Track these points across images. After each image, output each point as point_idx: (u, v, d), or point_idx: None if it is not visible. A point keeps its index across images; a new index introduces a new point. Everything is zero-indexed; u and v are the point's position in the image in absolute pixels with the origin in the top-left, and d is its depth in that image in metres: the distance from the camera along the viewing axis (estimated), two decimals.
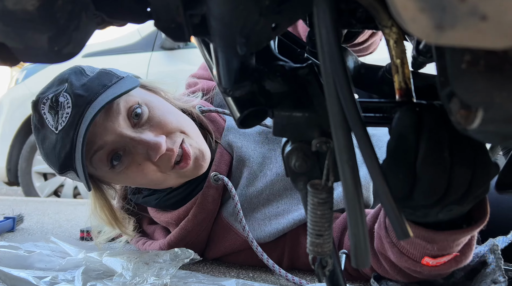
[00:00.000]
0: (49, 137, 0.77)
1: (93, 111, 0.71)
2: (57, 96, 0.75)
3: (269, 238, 0.85)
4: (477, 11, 0.15)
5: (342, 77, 0.27)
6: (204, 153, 0.85)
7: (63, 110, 0.74)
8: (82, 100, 0.74)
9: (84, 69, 0.81)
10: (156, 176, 0.81)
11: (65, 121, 0.74)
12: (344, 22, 0.40)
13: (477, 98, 0.23)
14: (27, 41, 0.27)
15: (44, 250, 0.85)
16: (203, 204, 0.87)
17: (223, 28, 0.30)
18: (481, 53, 0.21)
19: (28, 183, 2.85)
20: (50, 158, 0.78)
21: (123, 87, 0.76)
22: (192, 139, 0.84)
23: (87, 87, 0.76)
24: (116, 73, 0.81)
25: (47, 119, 0.76)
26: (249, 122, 0.40)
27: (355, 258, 0.30)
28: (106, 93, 0.75)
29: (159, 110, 0.81)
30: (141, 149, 0.77)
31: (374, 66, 0.46)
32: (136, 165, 0.79)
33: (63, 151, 0.75)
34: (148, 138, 0.77)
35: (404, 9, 0.17)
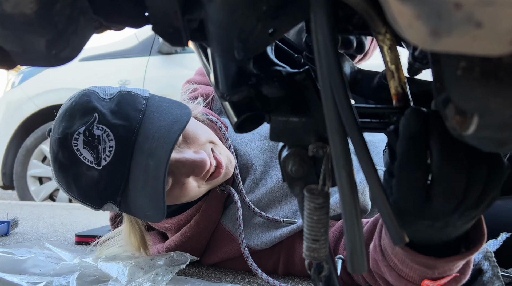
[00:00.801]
0: (87, 174, 0.71)
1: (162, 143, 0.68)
2: (90, 130, 0.70)
3: (266, 245, 0.85)
4: (472, 19, 0.16)
5: (339, 82, 0.27)
6: (231, 160, 0.86)
7: (105, 144, 0.70)
8: (124, 129, 0.70)
9: (98, 92, 0.77)
10: (195, 191, 0.81)
11: (110, 155, 0.70)
12: (341, 28, 0.40)
13: (472, 104, 0.23)
14: (25, 45, 0.27)
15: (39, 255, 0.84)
16: (207, 212, 0.87)
17: (221, 33, 0.31)
18: (476, 60, 0.22)
19: (23, 187, 2.83)
20: (89, 195, 0.73)
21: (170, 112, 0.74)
22: (220, 147, 0.85)
23: (121, 114, 0.72)
24: (139, 93, 0.78)
25: (82, 155, 0.70)
26: (246, 127, 0.40)
27: (351, 263, 0.30)
28: (149, 119, 0.72)
29: (189, 125, 0.80)
30: (187, 169, 0.76)
31: (371, 72, 0.46)
32: (180, 185, 0.78)
33: (111, 186, 0.71)
34: (192, 156, 0.77)
35: (401, 15, 0.17)
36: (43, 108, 2.79)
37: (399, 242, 0.29)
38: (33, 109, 2.82)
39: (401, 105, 0.37)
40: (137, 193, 0.71)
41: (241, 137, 0.94)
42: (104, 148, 0.70)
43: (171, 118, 0.72)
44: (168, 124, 0.71)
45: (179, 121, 0.71)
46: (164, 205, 0.68)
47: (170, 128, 0.70)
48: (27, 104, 2.86)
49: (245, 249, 0.83)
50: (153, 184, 0.69)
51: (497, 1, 0.15)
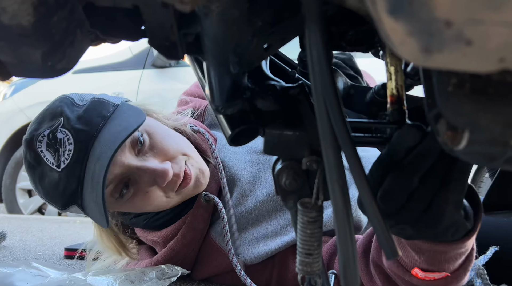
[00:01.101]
0: (49, 175, 0.74)
1: (107, 149, 0.70)
2: (54, 133, 0.73)
3: (256, 260, 0.84)
4: (463, 37, 0.16)
5: (333, 97, 0.28)
6: (204, 171, 0.86)
7: (64, 147, 0.72)
8: (84, 135, 0.72)
9: (73, 98, 0.79)
10: (161, 200, 0.81)
11: (68, 158, 0.72)
12: (334, 45, 0.41)
13: (463, 119, 0.24)
14: (21, 56, 0.27)
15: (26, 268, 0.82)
16: (193, 224, 0.87)
17: (217, 47, 0.31)
18: (467, 76, 0.22)
19: (12, 200, 2.79)
20: (52, 195, 0.76)
21: (127, 119, 0.75)
22: (193, 159, 0.85)
23: (85, 120, 0.74)
24: (110, 101, 0.79)
25: (45, 157, 0.74)
26: (240, 140, 0.40)
27: (344, 278, 0.30)
28: (109, 126, 0.74)
29: (159, 135, 0.81)
30: (148, 177, 0.77)
31: (364, 87, 0.47)
32: (143, 193, 0.78)
33: (69, 189, 0.73)
34: (155, 165, 0.77)
35: (393, 32, 0.17)
36: None
37: (391, 256, 0.30)
38: (25, 121, 2.79)
39: (394, 108, 0.37)
40: (88, 197, 0.73)
41: (230, 150, 0.94)
42: (64, 151, 0.72)
43: (124, 124, 0.74)
44: (119, 131, 0.72)
45: (129, 127, 0.72)
46: (105, 211, 0.70)
47: (118, 134, 0.72)
48: (18, 116, 2.83)
49: (236, 264, 0.82)
50: (96, 189, 0.70)
51: (487, 20, 0.15)
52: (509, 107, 0.23)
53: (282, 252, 0.85)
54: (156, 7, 0.29)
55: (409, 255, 0.54)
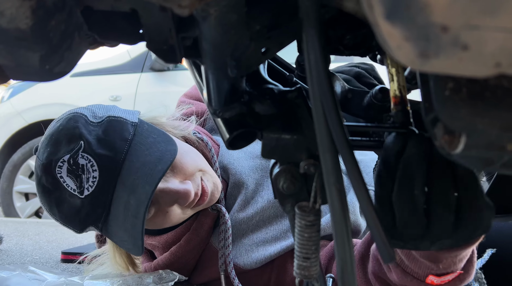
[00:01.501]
0: (69, 200, 0.72)
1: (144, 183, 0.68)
2: (75, 158, 0.70)
3: (255, 265, 0.84)
4: (459, 41, 0.16)
5: (330, 101, 0.28)
6: (218, 186, 0.85)
7: (88, 173, 0.70)
8: (109, 161, 0.70)
9: (86, 115, 0.76)
10: (179, 217, 0.81)
11: (93, 185, 0.70)
12: (332, 49, 0.41)
13: (460, 124, 0.24)
14: (19, 59, 0.27)
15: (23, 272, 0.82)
16: (198, 231, 0.86)
17: (215, 51, 0.31)
18: (464, 81, 0.22)
19: (9, 203, 2.78)
20: (70, 220, 0.74)
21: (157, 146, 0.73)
22: (208, 173, 0.84)
23: (107, 143, 0.71)
24: (127, 119, 0.77)
25: (66, 182, 0.71)
26: (238, 143, 0.40)
27: (342, 281, 0.30)
28: (135, 150, 0.72)
29: (177, 154, 0.78)
30: (170, 198, 0.76)
31: (361, 91, 0.47)
32: (164, 213, 0.78)
33: (93, 215, 0.72)
34: (177, 187, 0.76)
35: (390, 37, 0.17)
36: (32, 123, 2.76)
37: (388, 260, 0.30)
38: (22, 124, 2.79)
39: (398, 109, 0.37)
40: (118, 226, 0.72)
41: (233, 156, 0.94)
42: (88, 178, 0.70)
43: (156, 154, 0.72)
44: (152, 161, 0.70)
45: (164, 159, 0.71)
46: (142, 244, 0.69)
47: (154, 166, 0.70)
48: (16, 119, 2.82)
49: (231, 270, 0.82)
50: (132, 222, 0.69)
51: (483, 25, 0.16)
52: (505, 111, 0.23)
53: (281, 257, 0.84)
54: (154, 10, 0.29)
55: (423, 266, 0.52)
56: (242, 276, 0.83)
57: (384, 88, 0.43)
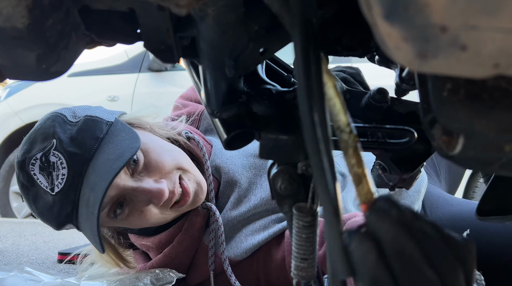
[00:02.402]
0: (43, 197, 0.74)
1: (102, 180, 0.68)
2: (47, 156, 0.72)
3: (245, 254, 0.84)
4: (458, 42, 0.16)
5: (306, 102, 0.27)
6: (202, 186, 0.84)
7: (58, 171, 0.71)
8: (78, 159, 0.71)
9: (65, 115, 0.77)
10: (158, 217, 0.80)
11: (62, 183, 0.71)
12: (330, 50, 0.41)
13: (458, 125, 0.24)
14: (15, 58, 0.27)
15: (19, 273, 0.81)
16: (190, 231, 0.86)
17: (213, 51, 0.31)
18: (462, 82, 0.22)
19: (5, 203, 2.77)
20: (46, 216, 0.75)
21: (121, 144, 0.73)
22: (190, 172, 0.83)
23: (78, 142, 0.72)
24: (103, 119, 0.77)
25: (39, 180, 0.73)
26: (236, 144, 0.40)
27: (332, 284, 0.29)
28: (103, 150, 0.72)
29: (153, 153, 0.79)
30: (144, 198, 0.76)
31: (359, 92, 0.47)
32: (139, 212, 0.78)
33: (64, 212, 0.73)
34: (150, 186, 0.75)
35: (389, 37, 0.17)
36: (29, 123, 2.75)
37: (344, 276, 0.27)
38: (19, 124, 2.78)
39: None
40: (83, 223, 0.72)
41: (226, 155, 0.94)
42: (57, 175, 0.71)
43: (118, 152, 0.72)
44: (113, 159, 0.71)
45: (123, 156, 0.70)
46: (100, 240, 0.69)
47: (113, 163, 0.70)
48: (12, 119, 2.81)
49: (227, 267, 0.82)
50: (91, 219, 0.69)
51: (482, 26, 0.16)
52: (503, 112, 0.23)
53: (267, 244, 0.84)
54: (152, 10, 0.28)
55: None
56: (235, 270, 0.83)
57: (383, 89, 0.43)
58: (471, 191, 2.37)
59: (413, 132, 0.39)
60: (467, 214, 0.90)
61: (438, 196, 1.02)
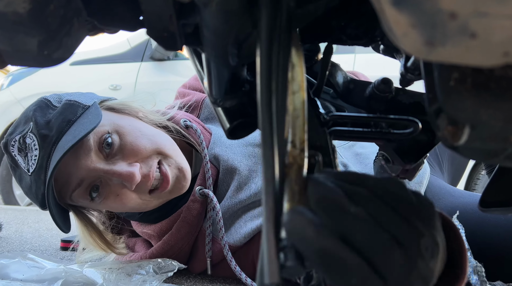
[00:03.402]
0: (25, 177, 0.77)
1: (58, 155, 0.70)
2: (24, 138, 0.75)
3: (244, 239, 0.85)
4: (467, 29, 0.16)
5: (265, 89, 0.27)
6: (185, 172, 0.83)
7: (31, 152, 0.74)
8: (48, 140, 0.73)
9: (50, 100, 0.80)
10: (136, 202, 0.80)
11: (34, 163, 0.74)
12: (335, 38, 0.41)
13: (464, 115, 0.23)
14: (17, 44, 0.27)
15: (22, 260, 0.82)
16: (188, 218, 0.87)
17: (216, 38, 0.31)
18: (469, 71, 0.22)
19: (8, 191, 2.78)
20: (30, 196, 0.79)
21: (87, 123, 0.74)
22: (171, 157, 0.82)
23: (51, 125, 0.74)
24: (81, 103, 0.78)
25: (19, 161, 0.76)
26: (238, 133, 0.40)
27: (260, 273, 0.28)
28: (71, 131, 0.73)
29: (130, 136, 0.78)
30: (116, 180, 0.76)
31: (363, 82, 0.46)
32: (114, 196, 0.78)
33: (39, 192, 0.76)
34: (121, 169, 0.75)
35: (396, 24, 0.17)
36: None
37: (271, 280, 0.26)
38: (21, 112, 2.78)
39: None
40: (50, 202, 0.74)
41: (225, 144, 0.93)
42: (31, 156, 0.74)
43: (76, 132, 0.73)
44: (70, 139, 0.72)
45: (77, 136, 0.71)
46: (54, 216, 0.72)
47: (68, 142, 0.71)
48: (15, 107, 2.82)
49: (227, 252, 0.82)
50: (48, 193, 0.71)
51: (492, 13, 0.15)
52: (510, 102, 0.22)
53: None
54: None
55: None
56: (235, 256, 0.84)
57: (387, 79, 0.42)
58: (472, 183, 2.37)
59: (417, 122, 0.39)
60: (469, 206, 0.89)
61: (440, 187, 1.02)
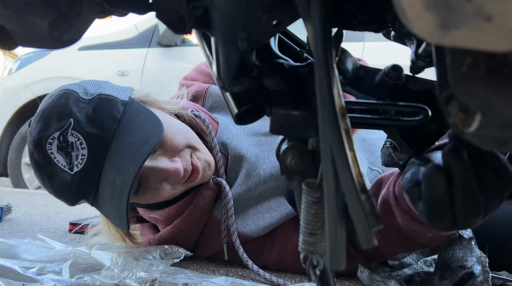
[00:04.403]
0: (60, 175, 0.74)
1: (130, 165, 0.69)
2: (65, 136, 0.72)
3: (262, 232, 0.87)
4: (483, 12, 0.16)
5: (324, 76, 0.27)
6: (211, 163, 0.87)
7: (77, 151, 0.72)
8: (98, 139, 0.72)
9: (77, 92, 0.77)
10: (169, 193, 0.83)
11: (82, 163, 0.72)
12: (345, 24, 0.40)
13: (475, 101, 0.23)
14: (27, 25, 0.27)
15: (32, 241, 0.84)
16: (200, 204, 0.88)
17: (225, 22, 0.30)
18: (482, 57, 0.22)
19: (17, 174, 2.82)
20: (62, 193, 0.76)
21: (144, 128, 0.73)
22: (199, 151, 0.86)
23: (96, 122, 0.73)
24: (118, 98, 0.77)
25: (56, 158, 0.73)
26: (246, 119, 0.40)
27: (330, 259, 0.29)
28: (123, 131, 0.73)
29: (168, 132, 0.80)
30: (159, 176, 0.78)
31: (373, 69, 0.46)
32: (154, 190, 0.80)
33: (82, 191, 0.74)
34: (166, 165, 0.78)
35: (410, 6, 0.17)
36: (39, 95, 2.76)
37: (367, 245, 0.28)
38: (30, 97, 2.80)
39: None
40: (105, 203, 0.74)
41: (232, 132, 0.95)
42: (77, 155, 0.72)
43: (143, 135, 0.72)
44: (138, 143, 0.71)
45: (149, 141, 0.71)
46: (127, 221, 0.70)
47: (140, 148, 0.71)
48: (23, 91, 2.84)
49: (236, 239, 0.83)
50: (117, 202, 0.70)
51: None
52: None
53: (284, 224, 0.86)
54: None
55: None
56: (245, 246, 0.85)
57: (397, 66, 0.42)
58: None
59: (427, 110, 0.39)
60: None
61: None
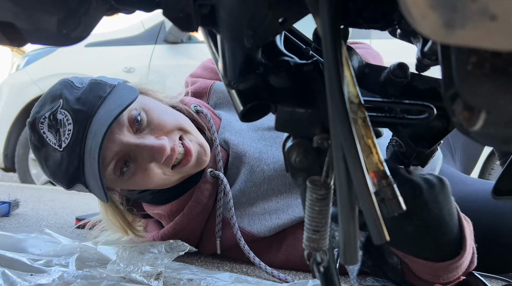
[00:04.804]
0: (52, 154, 0.77)
1: (102, 126, 0.72)
2: (54, 114, 0.76)
3: (269, 233, 0.86)
4: (487, 11, 0.16)
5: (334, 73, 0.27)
6: (205, 148, 0.87)
7: (64, 127, 0.75)
8: (82, 115, 0.75)
9: (73, 81, 0.82)
10: (161, 178, 0.83)
11: (68, 138, 0.75)
12: (351, 21, 0.40)
13: (480, 100, 0.23)
14: (37, 22, 0.27)
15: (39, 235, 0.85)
16: (199, 199, 0.88)
17: (232, 19, 0.31)
18: (487, 55, 0.22)
19: (25, 170, 2.85)
20: (57, 174, 0.79)
21: (121, 97, 0.77)
22: (191, 134, 0.86)
23: (83, 100, 0.76)
24: (107, 82, 0.81)
25: (48, 137, 0.77)
26: (252, 116, 0.40)
27: (344, 255, 0.30)
28: (105, 105, 0.76)
29: (155, 112, 0.82)
30: (146, 154, 0.79)
31: (379, 67, 0.46)
32: (143, 171, 0.80)
33: (71, 167, 0.76)
34: (152, 142, 0.78)
35: (415, 5, 0.17)
36: None
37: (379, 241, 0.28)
38: (37, 93, 2.82)
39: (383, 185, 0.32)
40: (88, 174, 0.75)
41: (235, 128, 0.95)
42: (64, 131, 0.75)
43: (118, 102, 0.75)
44: (113, 109, 0.74)
45: (122, 104, 0.74)
46: (102, 185, 0.73)
47: (112, 111, 0.73)
48: (31, 87, 2.86)
49: (240, 238, 0.83)
50: (92, 164, 0.73)
51: None
52: None
53: (293, 226, 0.86)
54: None
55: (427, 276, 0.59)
56: (252, 244, 0.85)
57: (403, 64, 0.42)
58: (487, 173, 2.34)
59: (433, 108, 0.39)
60: (481, 193, 0.89)
61: (452, 175, 1.02)
